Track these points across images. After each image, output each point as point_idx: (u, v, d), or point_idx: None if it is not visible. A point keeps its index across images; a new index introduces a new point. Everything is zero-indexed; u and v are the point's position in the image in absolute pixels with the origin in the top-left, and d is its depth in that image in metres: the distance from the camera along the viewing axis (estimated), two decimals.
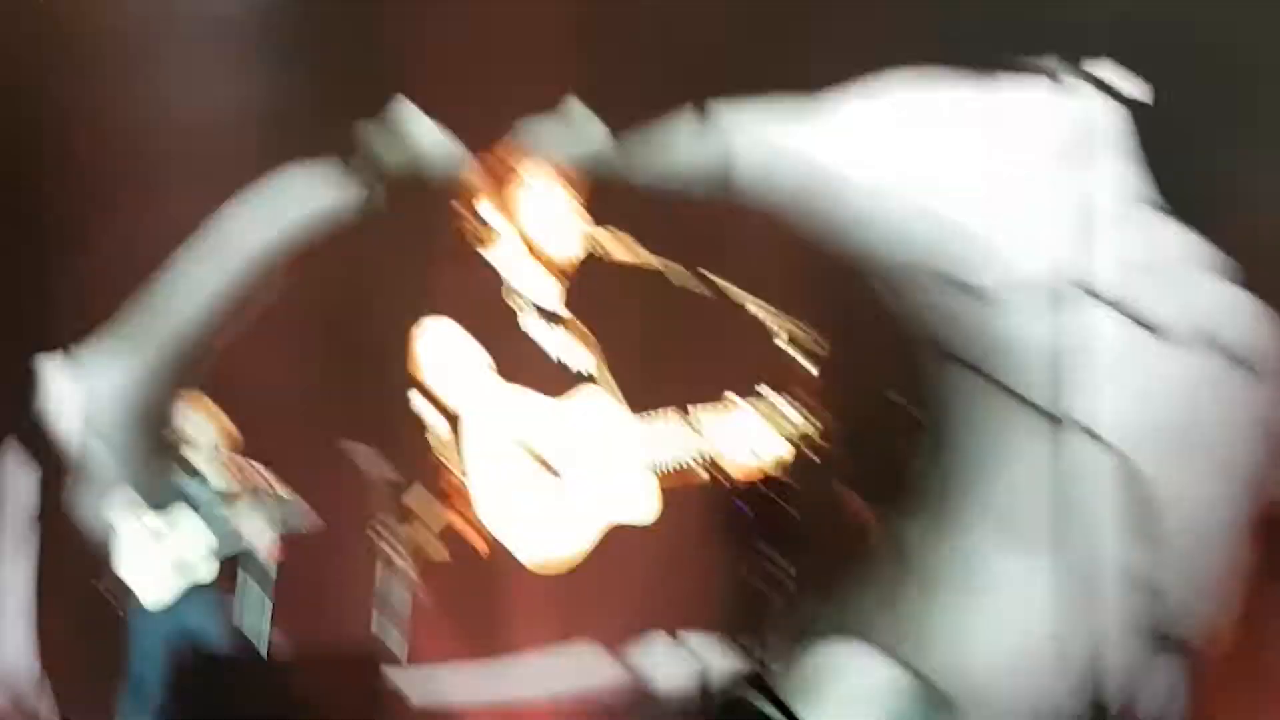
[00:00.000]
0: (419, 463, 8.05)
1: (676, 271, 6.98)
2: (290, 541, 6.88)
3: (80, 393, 8.79)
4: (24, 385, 8.77)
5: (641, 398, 7.20)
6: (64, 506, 8.60)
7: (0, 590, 8.58)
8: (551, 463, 7.46)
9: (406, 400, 8.16)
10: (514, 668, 7.49)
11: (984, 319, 7.61)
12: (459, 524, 7.57)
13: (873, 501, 6.77)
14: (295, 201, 8.79)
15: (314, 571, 7.87)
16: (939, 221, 7.72)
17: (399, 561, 6.65)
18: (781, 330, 6.47)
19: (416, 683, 6.82)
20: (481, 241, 7.60)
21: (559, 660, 7.45)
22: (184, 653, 6.70)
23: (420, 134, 8.58)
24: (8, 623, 8.50)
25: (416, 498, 7.72)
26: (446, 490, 7.87)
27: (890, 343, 7.60)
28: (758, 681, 4.07)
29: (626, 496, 7.27)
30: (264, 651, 6.67)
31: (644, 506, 7.23)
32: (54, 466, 8.69)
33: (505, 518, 7.38)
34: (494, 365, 7.60)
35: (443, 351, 7.92)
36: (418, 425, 8.12)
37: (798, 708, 4.15)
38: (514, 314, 7.59)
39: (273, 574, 6.57)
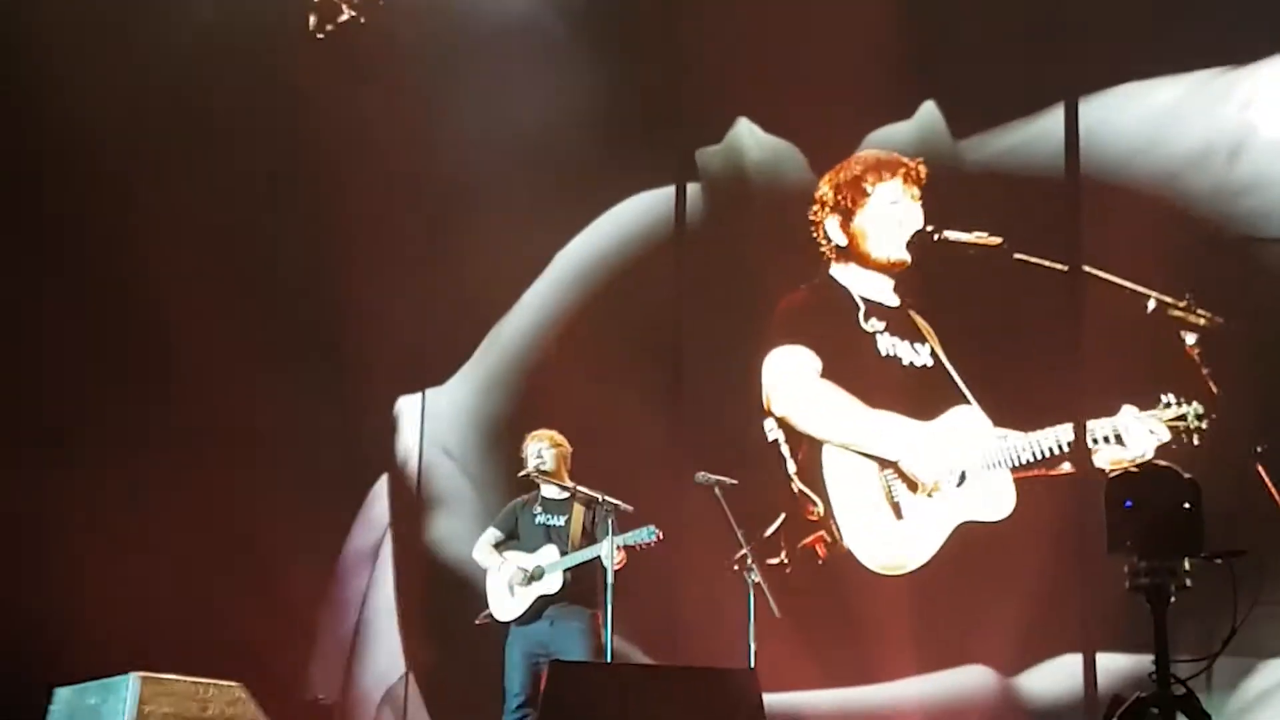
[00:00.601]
0: (776, 489, 7.95)
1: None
2: (641, 557, 6.86)
3: (435, 423, 9.04)
4: (389, 423, 9.07)
5: (1005, 400, 6.95)
6: (423, 530, 8.88)
7: (375, 608, 8.88)
8: (916, 480, 7.27)
9: (760, 428, 8.08)
10: (881, 690, 7.27)
11: None
12: (819, 547, 7.42)
13: None
14: (635, 225, 8.81)
15: (669, 588, 7.84)
16: None
17: (760, 583, 6.54)
18: (1166, 309, 6.10)
19: (780, 703, 6.67)
20: (830, 258, 7.47)
21: (932, 680, 7.19)
22: (541, 664, 6.81)
23: (761, 151, 8.48)
24: (383, 635, 8.77)
25: (775, 523, 7.61)
26: (805, 514, 7.73)
27: None
28: (1171, 700, 3.66)
29: (984, 497, 7.03)
30: (608, 659, 6.65)
31: (1000, 508, 7.01)
32: (415, 494, 8.97)
33: (865, 538, 7.22)
34: (851, 388, 7.46)
35: (797, 378, 7.80)
36: (772, 452, 8.02)
37: None
38: (871, 337, 7.42)
39: (610, 583, 6.54)
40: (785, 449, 7.80)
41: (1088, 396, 6.81)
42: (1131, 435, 6.55)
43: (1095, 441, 6.78)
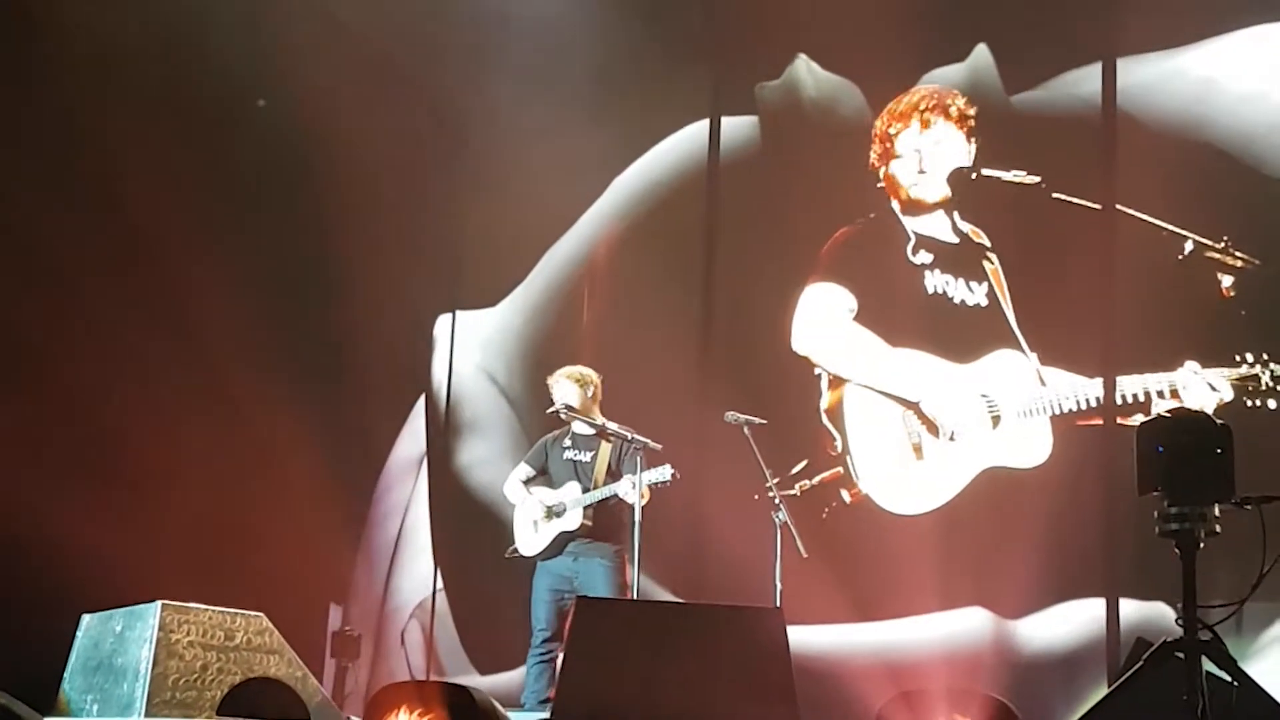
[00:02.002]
0: (807, 426, 7.92)
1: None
2: (667, 495, 6.84)
3: (483, 347, 9.03)
4: (428, 345, 9.05)
5: (1051, 344, 6.89)
6: (455, 454, 8.90)
7: (415, 521, 8.92)
8: (941, 425, 7.24)
9: (790, 367, 8.04)
10: (899, 627, 7.27)
11: None
12: (846, 487, 7.40)
13: None
14: (688, 157, 8.71)
15: (696, 527, 7.83)
16: None
17: (787, 523, 6.54)
18: (1203, 251, 6.04)
19: (805, 637, 6.67)
20: (888, 193, 7.42)
21: (946, 620, 7.18)
22: (566, 600, 6.85)
23: (819, 88, 8.38)
24: (421, 548, 8.81)
25: (802, 461, 7.59)
26: (826, 450, 7.72)
27: None
28: (1196, 645, 3.62)
29: (1017, 443, 7.01)
30: (634, 596, 6.66)
31: (1035, 454, 6.97)
32: (450, 417, 8.97)
33: (882, 478, 7.21)
34: (890, 323, 7.42)
35: (824, 317, 7.77)
36: (805, 391, 8.00)
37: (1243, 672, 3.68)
38: (919, 272, 7.36)
39: (638, 521, 6.54)
40: (824, 383, 7.80)
41: (1122, 347, 6.73)
42: (1190, 391, 6.49)
43: (1147, 395, 6.73)
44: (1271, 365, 6.40)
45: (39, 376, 7.85)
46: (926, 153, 7.31)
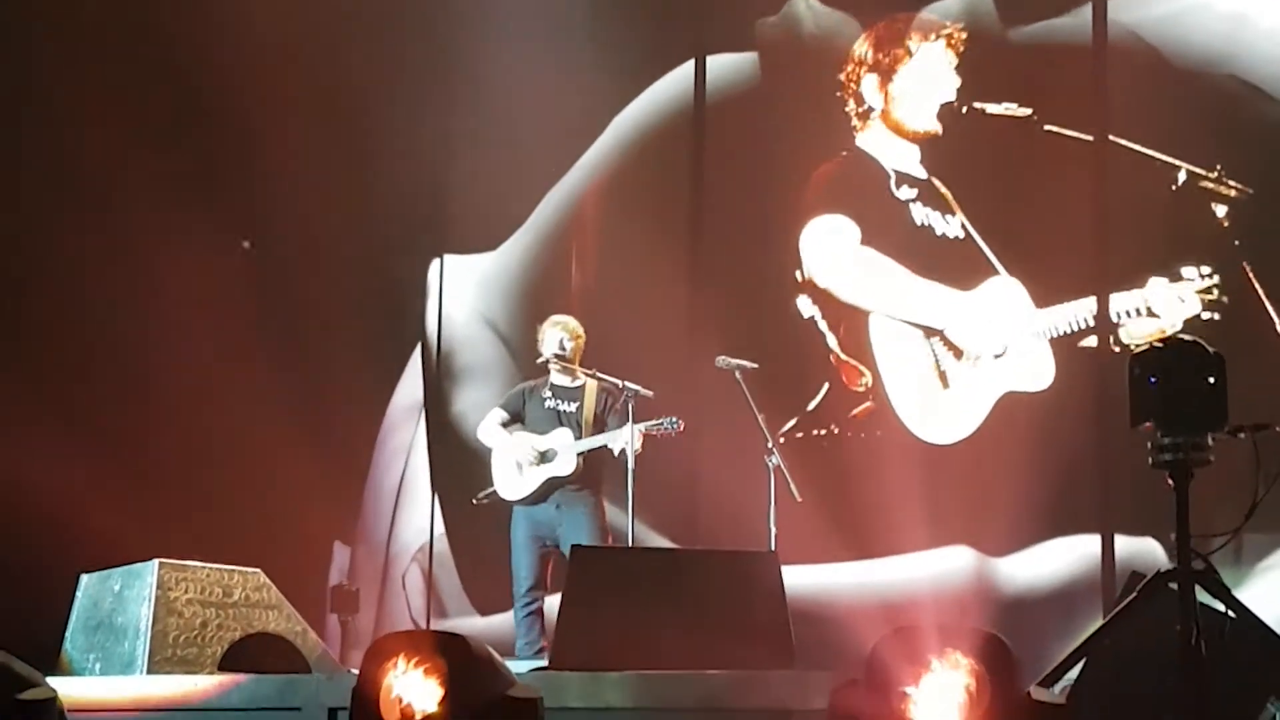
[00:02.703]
0: (806, 366, 7.89)
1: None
2: (661, 442, 6.82)
3: (481, 291, 8.98)
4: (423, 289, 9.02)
5: (1041, 271, 6.86)
6: (450, 400, 8.89)
7: (414, 471, 8.93)
8: (960, 348, 7.24)
9: (785, 307, 8.01)
10: (894, 564, 7.27)
11: None
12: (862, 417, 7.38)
13: None
14: (684, 93, 8.62)
15: (690, 474, 7.83)
16: None
17: (780, 466, 6.53)
18: (1197, 181, 6.02)
19: (800, 577, 6.67)
20: (858, 128, 7.36)
21: (936, 557, 7.19)
22: (548, 548, 6.83)
23: (818, 23, 8.27)
24: (421, 500, 8.83)
25: (819, 395, 7.57)
26: (852, 385, 7.68)
27: None
28: (1190, 575, 3.61)
29: (1026, 370, 7.01)
30: (629, 544, 6.65)
31: (1041, 377, 6.97)
32: (445, 363, 8.97)
33: (914, 407, 7.20)
34: (894, 258, 7.39)
35: (839, 248, 7.72)
36: (800, 331, 7.96)
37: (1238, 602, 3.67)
38: (905, 206, 7.32)
39: (631, 469, 6.52)
40: (823, 324, 7.77)
41: (1112, 271, 6.71)
42: (1160, 306, 6.47)
43: (1125, 315, 6.72)
44: (1217, 276, 6.38)
45: (30, 335, 7.85)
46: (920, 78, 7.25)
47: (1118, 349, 6.78)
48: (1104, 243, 6.98)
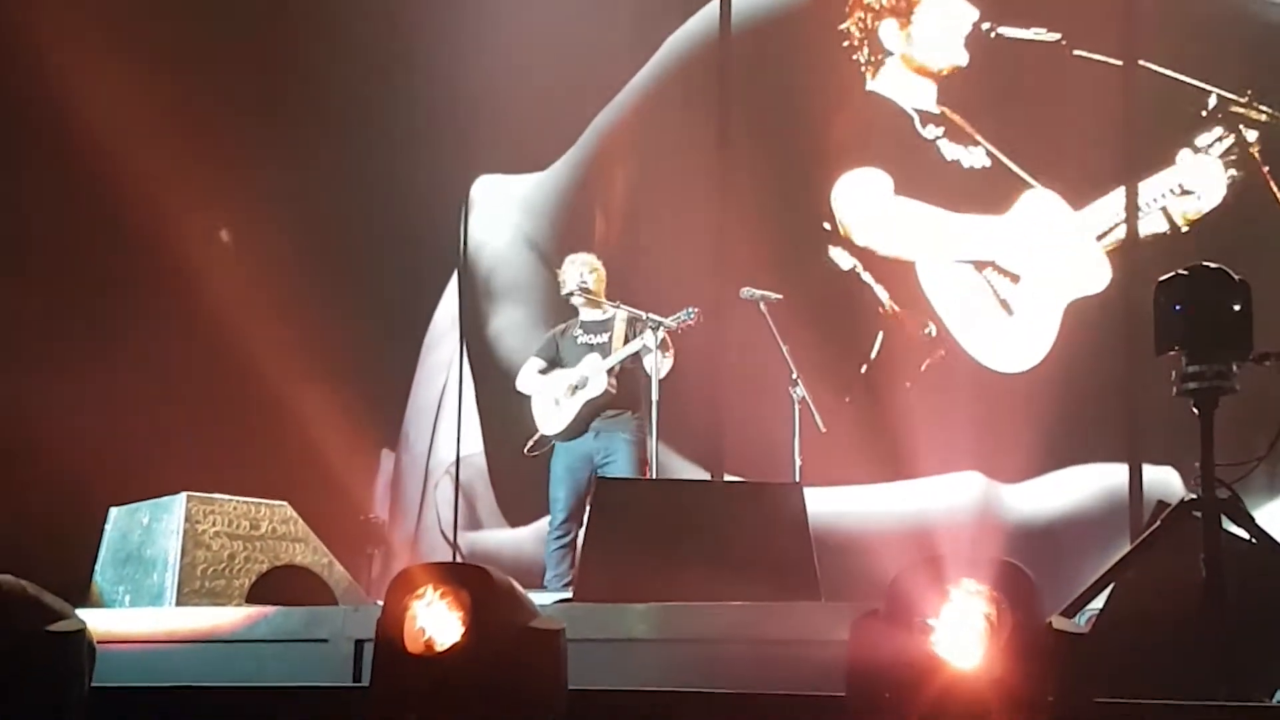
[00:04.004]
0: (824, 303, 7.85)
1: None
2: (687, 370, 6.82)
3: (526, 211, 8.95)
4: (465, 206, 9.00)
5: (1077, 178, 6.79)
6: (489, 317, 8.91)
7: (453, 386, 8.97)
8: (1015, 273, 7.20)
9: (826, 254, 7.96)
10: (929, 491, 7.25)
11: None
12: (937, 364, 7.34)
13: None
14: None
15: (715, 404, 7.82)
16: None
17: (805, 398, 6.52)
18: (1227, 106, 5.94)
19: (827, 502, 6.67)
20: (868, 74, 7.27)
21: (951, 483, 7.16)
22: (584, 479, 6.84)
23: None
24: (466, 420, 8.90)
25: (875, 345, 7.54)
26: (917, 335, 7.63)
27: None
28: (1215, 503, 3.59)
29: (1081, 274, 6.94)
30: (653, 471, 6.65)
31: (1098, 277, 6.91)
32: (483, 280, 8.97)
33: (985, 342, 7.16)
34: (925, 197, 7.33)
35: (872, 204, 7.65)
36: (831, 273, 7.91)
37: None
38: (933, 145, 7.25)
39: (655, 399, 6.52)
40: (868, 276, 7.71)
41: (1138, 161, 6.61)
42: (1195, 178, 6.40)
43: (1161, 197, 6.64)
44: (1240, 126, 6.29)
45: (52, 266, 7.85)
46: (942, 13, 7.15)
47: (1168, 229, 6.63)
48: (1128, 138, 6.86)
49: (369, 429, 8.63)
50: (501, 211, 8.92)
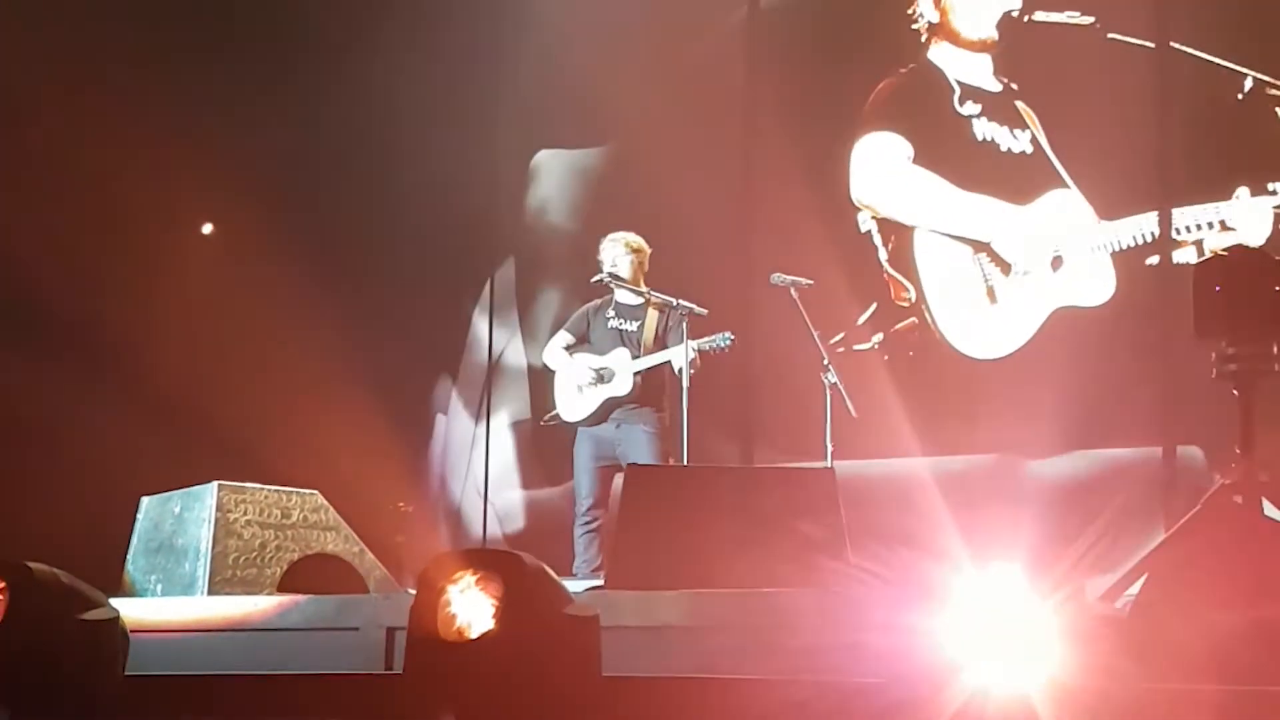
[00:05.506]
0: (863, 280, 7.81)
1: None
2: (715, 360, 6.79)
3: (579, 188, 8.94)
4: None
5: (1106, 182, 6.73)
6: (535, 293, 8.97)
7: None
8: (1008, 262, 7.15)
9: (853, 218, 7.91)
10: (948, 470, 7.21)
11: None
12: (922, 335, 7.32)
13: None
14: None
15: (745, 391, 7.79)
16: None
17: (837, 384, 6.49)
18: (1264, 89, 5.88)
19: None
20: (926, 41, 7.25)
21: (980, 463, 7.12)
22: (608, 466, 6.81)
23: None
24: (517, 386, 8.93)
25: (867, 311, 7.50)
26: (896, 300, 7.61)
27: None
28: (1256, 487, 3.55)
29: (1081, 284, 6.91)
30: (683, 462, 6.63)
31: (1098, 292, 6.88)
32: (530, 252, 9.08)
33: (959, 322, 7.14)
34: (945, 173, 7.29)
35: (884, 164, 7.63)
36: (858, 246, 7.86)
37: None
38: (967, 121, 7.21)
39: (685, 388, 6.50)
40: (878, 238, 7.68)
41: (1176, 183, 6.56)
42: (1238, 220, 6.34)
43: (1199, 228, 6.58)
44: None
45: (89, 254, 7.86)
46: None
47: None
48: (1166, 154, 6.82)
49: (415, 403, 8.84)
50: (558, 184, 8.89)
